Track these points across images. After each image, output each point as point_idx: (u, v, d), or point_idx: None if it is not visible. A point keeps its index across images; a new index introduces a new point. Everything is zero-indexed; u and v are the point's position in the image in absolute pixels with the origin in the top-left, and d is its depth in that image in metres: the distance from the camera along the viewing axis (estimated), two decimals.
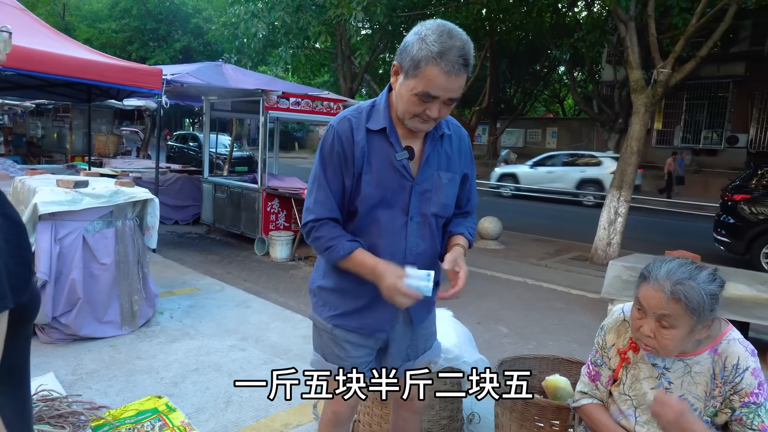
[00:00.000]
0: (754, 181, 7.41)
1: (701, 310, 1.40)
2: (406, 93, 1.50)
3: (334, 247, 1.57)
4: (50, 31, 5.53)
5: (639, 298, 1.49)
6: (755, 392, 1.45)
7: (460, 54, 1.43)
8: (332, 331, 1.71)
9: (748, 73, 17.94)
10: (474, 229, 1.81)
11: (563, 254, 7.90)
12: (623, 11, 6.93)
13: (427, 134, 1.64)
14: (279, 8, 10.96)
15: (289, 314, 4.51)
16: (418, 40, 1.45)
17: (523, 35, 18.56)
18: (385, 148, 1.59)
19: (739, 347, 1.50)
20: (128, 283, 3.86)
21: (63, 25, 24.10)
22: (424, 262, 1.64)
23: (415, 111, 1.51)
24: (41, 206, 3.42)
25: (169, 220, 8.63)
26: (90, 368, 3.25)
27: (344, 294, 1.69)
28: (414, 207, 1.62)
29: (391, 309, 1.64)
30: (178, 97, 8.88)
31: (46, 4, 24.92)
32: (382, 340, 1.74)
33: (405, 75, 1.50)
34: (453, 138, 1.71)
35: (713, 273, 1.46)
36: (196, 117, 25.25)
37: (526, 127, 25.85)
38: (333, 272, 1.70)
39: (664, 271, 1.44)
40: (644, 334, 1.48)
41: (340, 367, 1.70)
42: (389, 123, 1.59)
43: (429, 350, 1.86)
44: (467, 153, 1.77)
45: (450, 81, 1.44)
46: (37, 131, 12.12)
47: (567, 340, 4.47)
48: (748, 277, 4.38)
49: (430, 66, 1.43)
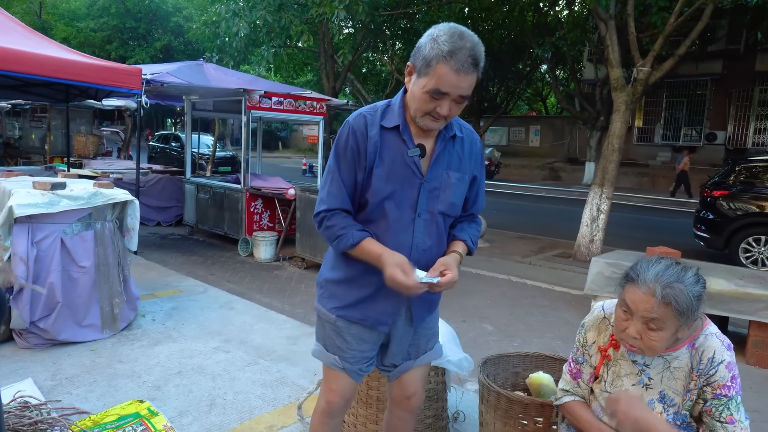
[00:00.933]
0: (732, 177, 7.54)
1: (689, 312, 1.42)
2: (419, 91, 1.56)
3: (344, 236, 1.63)
4: (26, 30, 5.42)
5: (626, 301, 1.49)
6: (727, 385, 1.48)
7: (470, 54, 1.49)
8: (335, 322, 1.76)
9: (726, 71, 18.28)
10: (477, 236, 1.84)
11: (547, 251, 7.96)
12: (603, 10, 7.00)
13: (438, 134, 1.69)
14: (260, 7, 10.86)
15: (273, 315, 4.48)
16: (430, 41, 1.52)
17: (505, 34, 18.64)
18: (397, 144, 1.65)
19: (715, 341, 1.52)
20: (108, 285, 3.80)
21: (39, 24, 23.62)
22: (429, 259, 1.69)
23: (426, 108, 1.57)
24: (17, 209, 3.35)
25: (152, 222, 8.53)
26: (70, 373, 3.20)
27: (350, 285, 1.73)
28: (422, 204, 1.67)
29: (394, 302, 1.70)
30: (159, 96, 8.77)
31: (22, 2, 24.40)
32: (384, 334, 1.77)
33: (418, 74, 1.57)
34: (465, 140, 1.76)
35: (697, 274, 1.47)
36: (177, 117, 24.98)
37: (510, 126, 26.03)
38: (341, 264, 1.75)
39: (652, 274, 1.44)
40: (630, 335, 1.48)
41: (341, 358, 1.76)
42: (403, 121, 1.65)
43: (430, 351, 1.89)
44: (478, 156, 1.81)
45: (460, 79, 1.50)
46: (14, 132, 11.90)
47: (551, 336, 4.50)
48: (726, 272, 4.46)
49: (441, 64, 1.49)
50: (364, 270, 1.68)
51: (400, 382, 1.87)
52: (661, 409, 1.55)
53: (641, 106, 19.94)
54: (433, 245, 1.71)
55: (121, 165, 9.82)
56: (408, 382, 1.87)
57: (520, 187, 17.52)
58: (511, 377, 2.55)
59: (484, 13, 14.46)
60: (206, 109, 8.64)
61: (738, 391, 1.49)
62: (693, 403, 1.53)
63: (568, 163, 21.81)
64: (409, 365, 1.84)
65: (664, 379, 1.56)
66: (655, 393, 1.56)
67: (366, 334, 1.76)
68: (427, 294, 1.65)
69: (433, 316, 1.88)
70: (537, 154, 24.02)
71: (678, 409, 1.54)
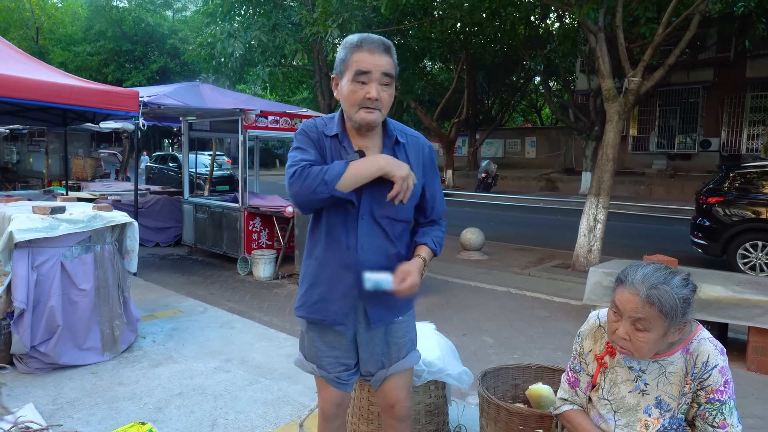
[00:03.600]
0: (726, 183, 7.58)
1: (674, 313, 1.45)
2: (346, 87, 1.66)
3: (330, 169, 1.62)
4: (23, 56, 5.48)
5: (615, 302, 1.54)
6: (720, 389, 1.50)
7: (378, 39, 1.65)
8: (307, 331, 1.87)
9: (717, 79, 18.45)
10: (440, 238, 1.90)
11: (545, 262, 7.98)
12: (592, 22, 7.11)
13: (383, 143, 1.76)
14: (255, 27, 11.02)
15: (273, 333, 4.49)
16: (341, 47, 1.69)
17: (498, 47, 18.89)
18: (339, 150, 1.74)
19: (709, 345, 1.55)
20: (109, 308, 3.81)
21: (37, 49, 23.85)
22: (379, 258, 1.74)
23: (356, 98, 1.64)
24: (17, 234, 3.37)
25: (150, 242, 8.53)
26: (71, 397, 3.19)
27: (311, 287, 1.82)
28: (364, 206, 1.72)
29: (348, 302, 1.77)
30: (156, 118, 8.85)
31: (19, 29, 24.68)
32: (352, 339, 1.83)
33: (340, 77, 1.69)
34: (409, 147, 1.80)
35: (686, 278, 1.50)
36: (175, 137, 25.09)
37: (506, 137, 26.17)
38: (305, 267, 1.85)
39: (639, 276, 1.48)
40: (620, 336, 1.52)
41: (318, 366, 1.86)
42: (341, 130, 1.75)
43: (403, 359, 1.89)
44: (427, 163, 1.85)
45: (375, 58, 1.62)
46: (12, 156, 11.92)
47: (552, 348, 4.51)
48: (723, 278, 4.47)
49: (354, 53, 1.63)
50: (320, 271, 1.78)
51: (382, 392, 1.91)
52: (657, 415, 1.57)
53: (635, 115, 20.09)
54: (380, 244, 1.75)
55: (120, 186, 9.85)
56: (389, 391, 1.89)
57: (517, 199, 17.56)
58: (511, 389, 2.56)
59: (477, 27, 14.64)
60: (203, 129, 8.70)
61: (731, 395, 1.51)
62: (688, 407, 1.56)
63: (565, 173, 21.89)
64: (383, 374, 1.87)
65: (660, 385, 1.58)
66: (652, 399, 1.58)
67: (335, 340, 1.82)
68: (383, 295, 1.71)
69: (404, 326, 1.89)
70: (533, 165, 24.11)
71: (674, 413, 1.56)
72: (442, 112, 19.64)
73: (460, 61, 18.32)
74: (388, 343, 1.86)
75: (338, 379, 1.85)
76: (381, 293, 1.68)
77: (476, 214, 14.09)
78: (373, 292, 1.69)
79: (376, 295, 1.71)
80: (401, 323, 1.88)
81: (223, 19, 12.43)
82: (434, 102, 22.48)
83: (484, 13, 13.00)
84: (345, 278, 1.74)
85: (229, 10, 12.40)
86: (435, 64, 24.72)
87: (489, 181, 19.80)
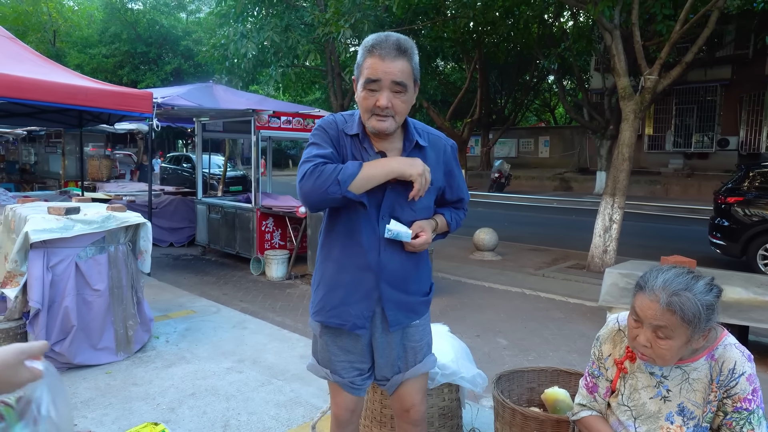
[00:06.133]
0: (746, 182, 7.44)
1: (697, 321, 1.39)
2: (359, 94, 1.64)
3: (345, 169, 1.59)
4: (40, 59, 5.54)
5: (635, 308, 1.48)
6: (748, 398, 1.44)
7: (393, 42, 1.58)
8: (321, 336, 1.83)
9: (735, 77, 18.15)
10: (460, 218, 1.92)
11: (560, 263, 7.89)
12: (608, 20, 7.01)
13: (403, 146, 1.73)
14: (268, 28, 11.05)
15: (286, 334, 4.48)
16: (360, 48, 1.65)
17: (511, 46, 18.75)
18: (360, 151, 1.71)
19: (735, 352, 1.49)
20: (122, 308, 3.82)
21: (54, 52, 24.16)
22: (401, 259, 1.74)
23: (368, 106, 1.62)
24: (32, 234, 3.39)
25: (164, 243, 8.59)
26: (85, 397, 3.21)
27: (329, 291, 1.77)
28: (385, 208, 1.70)
29: (368, 305, 1.73)
30: (170, 119, 8.90)
31: (37, 32, 25.00)
32: (368, 344, 1.79)
33: (357, 80, 1.66)
34: (428, 150, 1.78)
35: (710, 282, 1.44)
36: (188, 138, 25.29)
37: (519, 137, 25.99)
38: (318, 270, 1.82)
39: (660, 282, 1.43)
40: (641, 343, 1.47)
41: (331, 371, 1.83)
42: (362, 130, 1.72)
43: (419, 363, 1.87)
44: (450, 162, 1.85)
45: (386, 65, 1.57)
46: (30, 158, 12.09)
47: (567, 350, 4.44)
48: (744, 279, 4.37)
49: (367, 58, 1.60)
50: (338, 274, 1.73)
51: (397, 396, 1.89)
52: (680, 422, 1.52)
53: (651, 113, 19.83)
54: (401, 247, 1.73)
55: (134, 187, 9.93)
56: (404, 396, 1.87)
57: (531, 199, 17.43)
58: (526, 393, 2.51)
59: (489, 26, 14.54)
60: (216, 130, 8.74)
61: (759, 404, 1.45)
62: (713, 416, 1.50)
63: (579, 173, 21.68)
64: (400, 378, 1.84)
65: (683, 391, 1.52)
66: (674, 405, 1.53)
67: (350, 344, 1.79)
68: (402, 297, 1.72)
69: (420, 329, 1.86)
70: (547, 164, 23.92)
71: (698, 421, 1.51)
72: (454, 111, 19.55)
73: (473, 60, 18.20)
74: (404, 347, 1.83)
75: (352, 384, 1.82)
76: (399, 296, 1.70)
77: (489, 215, 14.00)
78: (394, 297, 1.72)
79: (397, 298, 1.73)
80: (418, 327, 1.85)
81: (236, 20, 12.48)
82: (447, 102, 22.38)
83: (497, 11, 12.92)
84: (365, 280, 1.71)
85: (242, 12, 12.46)
86: (447, 63, 24.59)
87: (502, 181, 19.68)
